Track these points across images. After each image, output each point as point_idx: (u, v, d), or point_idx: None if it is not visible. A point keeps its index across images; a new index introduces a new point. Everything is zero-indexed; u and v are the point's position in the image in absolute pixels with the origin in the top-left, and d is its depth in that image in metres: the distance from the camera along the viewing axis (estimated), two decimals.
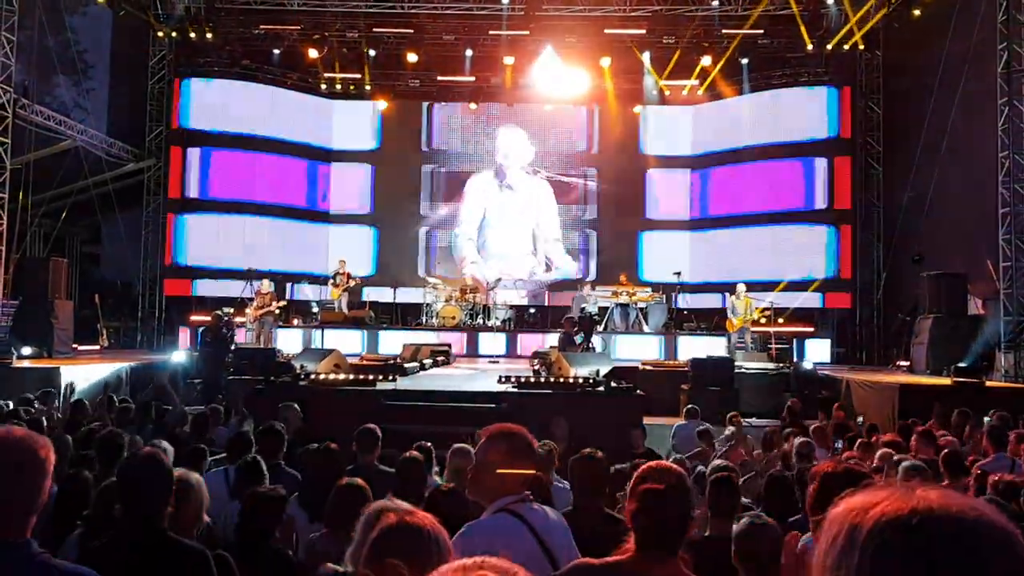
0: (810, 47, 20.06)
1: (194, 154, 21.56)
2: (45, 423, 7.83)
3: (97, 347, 18.12)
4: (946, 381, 13.16)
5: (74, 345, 16.55)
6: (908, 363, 16.36)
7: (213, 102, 21.62)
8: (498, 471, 3.09)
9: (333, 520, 4.09)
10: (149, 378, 14.61)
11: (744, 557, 3.45)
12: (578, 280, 21.66)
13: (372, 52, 21.53)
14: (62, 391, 12.22)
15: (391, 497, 3.06)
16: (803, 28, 19.60)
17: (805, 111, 21.27)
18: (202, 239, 21.35)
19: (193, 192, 21.50)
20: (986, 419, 10.08)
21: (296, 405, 8.29)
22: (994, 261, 15.22)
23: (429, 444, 6.52)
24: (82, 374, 13.34)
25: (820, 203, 21.07)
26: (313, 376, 10.98)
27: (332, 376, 11.06)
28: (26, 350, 14.45)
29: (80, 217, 20.90)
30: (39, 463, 2.19)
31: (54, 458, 2.24)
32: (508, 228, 23.36)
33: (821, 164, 21.11)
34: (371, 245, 23.13)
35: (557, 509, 3.58)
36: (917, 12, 17.83)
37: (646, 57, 21.53)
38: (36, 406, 9.46)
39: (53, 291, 16.05)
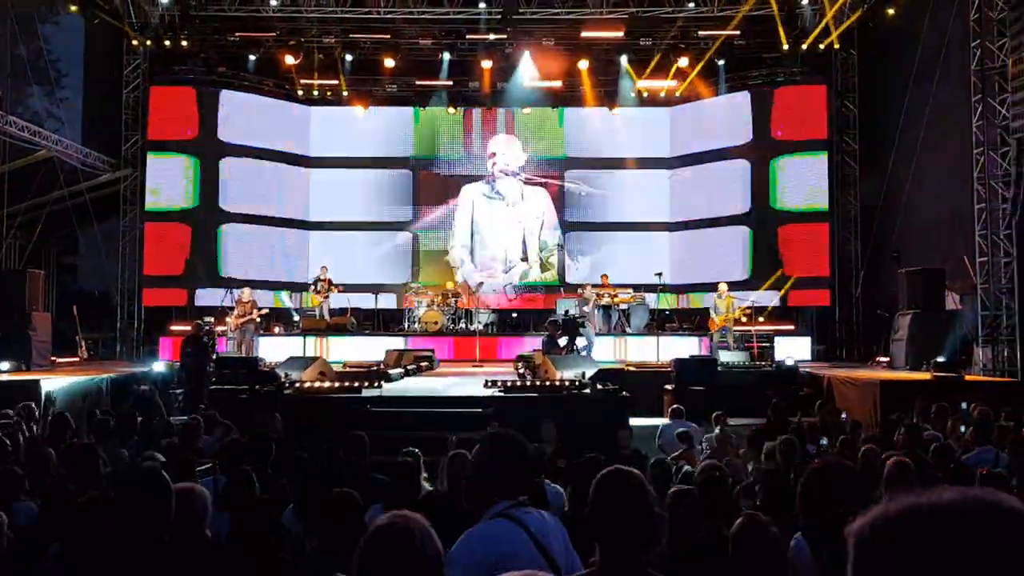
0: (786, 47, 20.18)
1: (173, 162, 21.37)
2: (22, 438, 7.75)
3: (76, 359, 17.95)
4: (926, 376, 13.30)
5: (52, 357, 16.39)
6: (888, 359, 16.50)
7: (190, 110, 21.44)
8: (493, 476, 3.10)
9: (327, 530, 4.07)
10: (130, 389, 14.48)
11: (741, 557, 3.47)
12: (578, 285, 21.64)
13: (349, 57, 21.48)
14: (42, 404, 12.07)
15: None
16: (780, 28, 19.71)
17: (781, 110, 21.39)
18: (182, 248, 21.15)
19: (173, 200, 21.29)
20: (963, 404, 10.23)
21: (277, 414, 8.25)
22: (970, 257, 15.39)
23: (417, 450, 6.50)
24: (62, 387, 13.20)
25: (797, 202, 21.18)
26: (298, 384, 10.93)
27: (317, 384, 11.02)
28: (3, 365, 14.29)
29: (56, 228, 20.70)
30: None
31: None
32: (498, 235, 23.40)
33: (798, 162, 21.23)
34: (353, 251, 23.03)
35: (552, 511, 3.59)
36: (891, 11, 17.99)
37: (623, 59, 21.60)
38: (13, 419, 9.33)
39: (30, 303, 15.89)
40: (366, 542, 1.89)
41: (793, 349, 18.13)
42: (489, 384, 11.02)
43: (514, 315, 21.63)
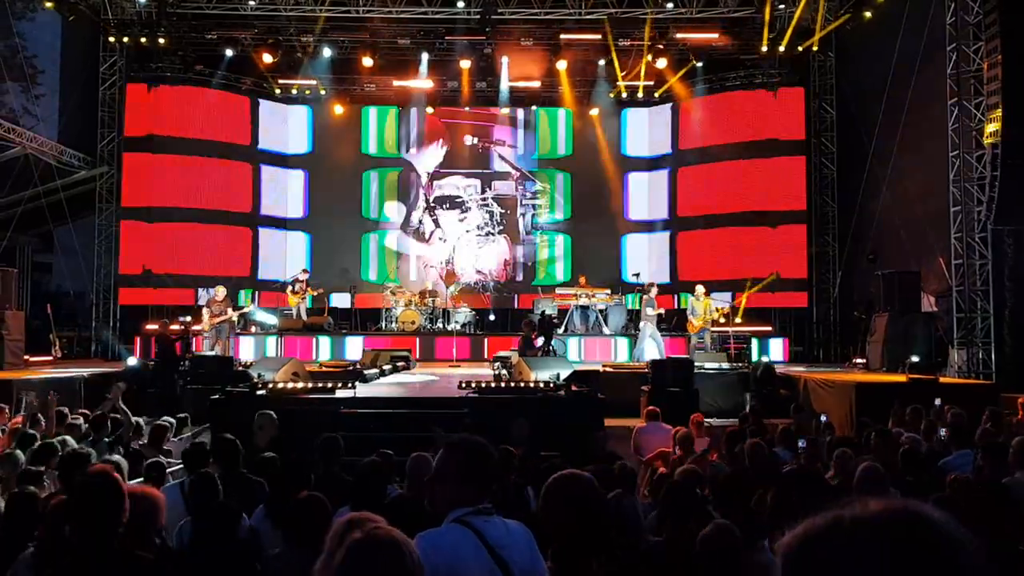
0: (765, 48, 20.25)
1: (146, 160, 21.20)
2: None
3: (50, 358, 17.76)
4: (901, 378, 13.34)
5: (26, 357, 16.21)
6: (864, 360, 16.58)
7: (164, 107, 21.29)
8: (452, 483, 3.09)
9: (295, 533, 4.03)
10: (103, 389, 14.31)
11: (704, 561, 3.45)
12: (560, 284, 21.67)
13: (327, 52, 21.37)
14: (13, 404, 11.92)
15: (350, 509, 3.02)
16: (766, 31, 19.78)
17: (759, 112, 21.47)
18: (157, 246, 21.00)
19: (147, 199, 21.14)
20: (936, 401, 10.30)
21: (273, 413, 8.16)
22: (946, 259, 15.50)
23: (390, 451, 6.45)
24: (34, 386, 13.03)
25: (776, 203, 21.25)
26: (271, 385, 10.84)
27: (290, 384, 10.94)
28: None
29: (31, 226, 20.49)
30: None
31: None
32: (471, 234, 23.40)
33: (776, 165, 21.30)
34: (328, 250, 22.97)
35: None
36: (868, 14, 18.10)
37: (601, 61, 21.62)
38: None
39: (3, 302, 15.71)
40: (349, 553, 1.84)
41: (769, 350, 18.22)
42: (464, 385, 10.98)
43: (491, 316, 21.59)
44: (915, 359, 13.80)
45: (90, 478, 2.82)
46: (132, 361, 15.63)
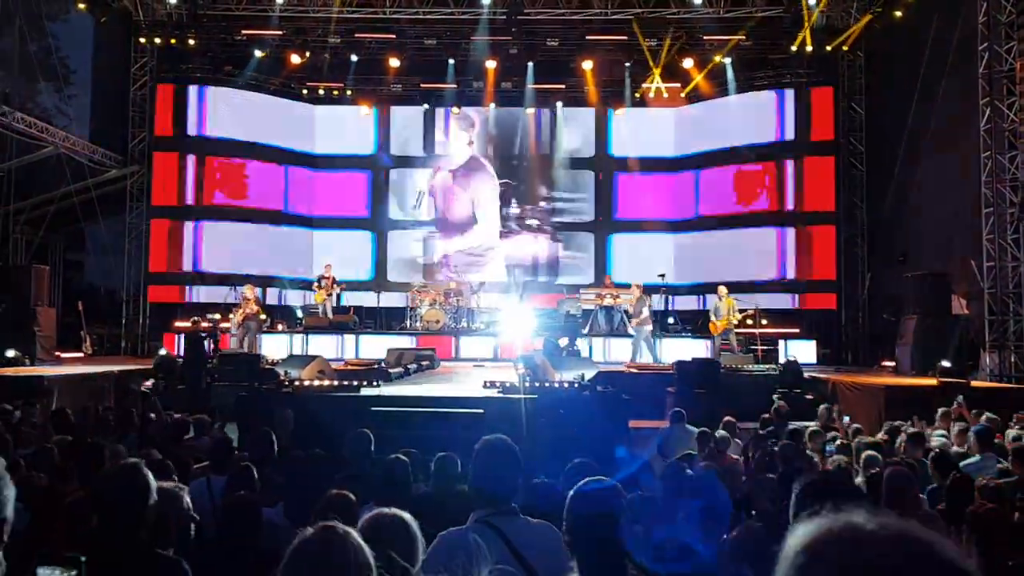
0: (801, 48, 20.07)
1: (176, 160, 21.42)
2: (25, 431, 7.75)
3: (81, 354, 18.00)
4: (932, 381, 13.18)
5: (57, 353, 16.43)
6: (894, 363, 16.39)
7: (196, 108, 21.52)
8: (478, 483, 3.13)
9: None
10: (132, 385, 14.49)
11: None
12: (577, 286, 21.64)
13: (354, 57, 21.49)
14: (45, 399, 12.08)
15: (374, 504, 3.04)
16: (808, 32, 19.58)
17: (787, 112, 21.32)
18: (187, 244, 21.23)
19: (177, 198, 21.37)
20: (959, 398, 10.20)
21: (290, 411, 8.22)
22: (977, 261, 15.29)
23: (414, 450, 6.46)
24: (65, 382, 13.20)
25: (802, 204, 21.11)
26: (297, 383, 10.91)
27: (316, 382, 11.00)
28: (9, 352, 14.37)
29: (63, 224, 20.77)
30: None
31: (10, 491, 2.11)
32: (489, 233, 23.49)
33: (803, 165, 21.16)
34: (365, 250, 23.14)
35: None
36: (899, 13, 17.91)
37: (627, 63, 21.57)
38: (16, 415, 9.33)
39: (36, 298, 15.95)
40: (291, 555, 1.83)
41: (798, 353, 18.04)
42: (488, 385, 10.98)
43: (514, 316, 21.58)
44: (946, 364, 13.62)
45: (117, 471, 2.85)
46: (163, 352, 15.81)
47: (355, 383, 11.07)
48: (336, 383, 11.09)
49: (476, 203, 23.43)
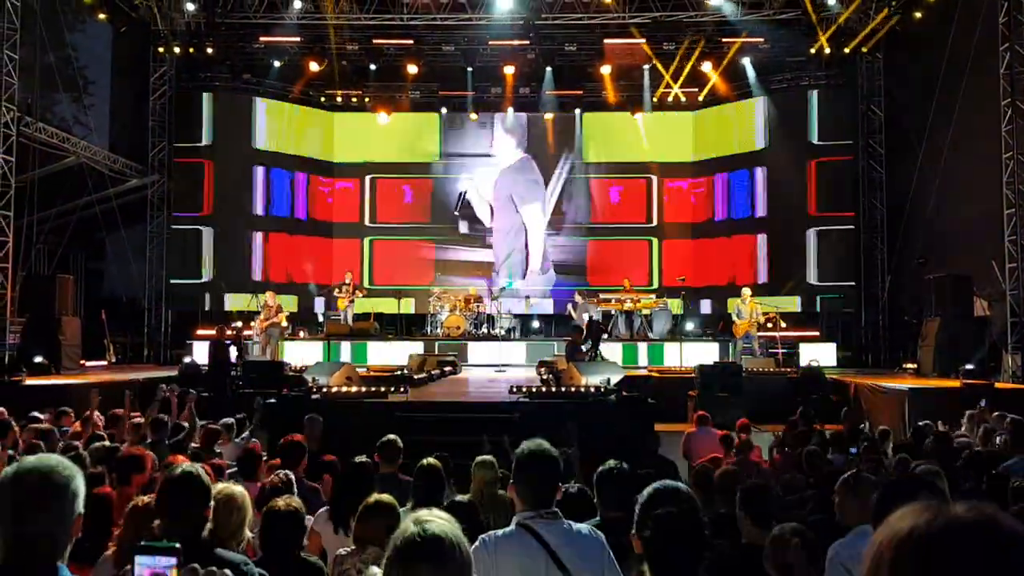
0: (819, 50, 20.04)
1: (196, 168, 21.60)
2: (59, 439, 7.82)
3: (104, 362, 18.14)
4: (955, 384, 13.15)
5: (82, 361, 16.56)
6: (915, 365, 16.34)
7: (216, 116, 21.70)
8: (518, 488, 3.18)
9: (361, 535, 4.09)
10: (157, 392, 14.57)
11: (775, 564, 3.46)
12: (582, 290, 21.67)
13: (372, 65, 21.59)
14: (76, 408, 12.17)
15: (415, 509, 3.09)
16: (820, 34, 19.55)
17: (806, 114, 21.30)
18: (208, 253, 21.39)
19: (197, 207, 21.54)
20: (982, 402, 10.15)
21: (319, 417, 8.28)
22: (999, 262, 15.23)
23: (446, 454, 6.51)
24: (91, 390, 13.30)
25: (823, 207, 21.08)
26: (325, 389, 10.98)
27: (344, 389, 11.07)
28: (37, 358, 14.50)
29: (85, 234, 20.91)
30: (72, 491, 2.16)
31: (83, 485, 2.20)
32: (512, 237, 23.51)
33: (822, 167, 21.12)
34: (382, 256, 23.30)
35: None
36: (919, 14, 17.86)
37: (646, 66, 21.59)
38: (45, 423, 9.40)
39: (60, 308, 16.07)
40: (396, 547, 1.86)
41: (819, 355, 17.98)
42: (515, 390, 11.02)
43: (536, 321, 21.65)
44: (970, 366, 13.57)
45: (182, 476, 2.92)
46: (187, 359, 15.92)
47: (383, 389, 11.14)
48: (364, 389, 11.16)
49: (520, 205, 23.57)
